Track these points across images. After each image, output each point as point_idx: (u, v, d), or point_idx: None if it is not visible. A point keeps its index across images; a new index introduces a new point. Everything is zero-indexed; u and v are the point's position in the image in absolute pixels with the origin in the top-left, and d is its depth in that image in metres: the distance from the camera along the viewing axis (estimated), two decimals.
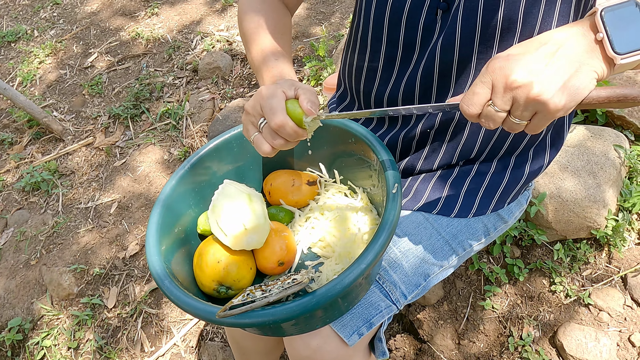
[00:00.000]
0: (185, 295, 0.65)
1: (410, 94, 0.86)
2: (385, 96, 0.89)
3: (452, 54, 0.78)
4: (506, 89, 0.53)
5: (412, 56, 0.83)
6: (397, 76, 0.86)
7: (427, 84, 0.83)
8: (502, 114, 0.55)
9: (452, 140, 0.88)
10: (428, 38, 0.80)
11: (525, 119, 0.55)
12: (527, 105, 0.53)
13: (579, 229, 1.29)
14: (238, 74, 2.36)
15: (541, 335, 1.24)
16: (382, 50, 0.86)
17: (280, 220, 0.89)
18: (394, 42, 0.84)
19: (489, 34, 0.74)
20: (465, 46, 0.76)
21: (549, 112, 0.52)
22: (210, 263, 0.77)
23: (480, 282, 1.37)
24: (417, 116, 0.88)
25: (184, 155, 2.03)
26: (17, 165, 2.18)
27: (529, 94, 0.51)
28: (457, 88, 0.81)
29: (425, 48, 0.81)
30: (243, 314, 0.60)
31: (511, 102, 0.54)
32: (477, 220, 0.93)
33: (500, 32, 0.73)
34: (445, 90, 0.82)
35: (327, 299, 0.62)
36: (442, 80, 0.82)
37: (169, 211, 0.80)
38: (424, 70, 0.82)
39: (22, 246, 1.86)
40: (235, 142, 0.89)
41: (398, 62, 0.85)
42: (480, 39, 0.75)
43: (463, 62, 0.78)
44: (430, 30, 0.79)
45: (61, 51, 2.73)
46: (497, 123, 0.56)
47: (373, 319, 0.82)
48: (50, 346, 1.56)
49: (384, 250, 0.66)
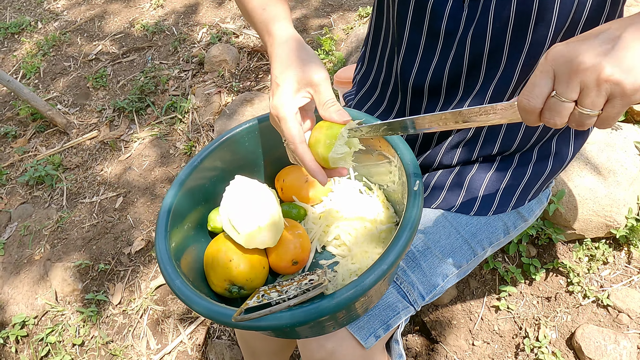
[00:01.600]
0: (198, 296, 0.62)
1: (438, 86, 0.82)
2: (410, 84, 0.85)
3: (483, 44, 0.74)
4: (572, 74, 0.46)
5: (437, 45, 0.79)
6: (421, 65, 0.83)
7: (455, 76, 0.79)
8: (569, 104, 0.48)
9: (475, 136, 0.84)
10: (454, 27, 0.76)
11: (597, 107, 0.47)
12: (600, 89, 0.46)
13: (598, 228, 1.25)
14: (245, 67, 2.32)
15: (558, 337, 1.21)
16: (406, 35, 0.82)
17: (293, 218, 0.85)
18: (419, 28, 0.80)
19: (522, 22, 0.70)
20: (497, 36, 0.73)
21: (625, 95, 0.45)
22: (221, 262, 0.74)
23: (495, 281, 1.34)
24: (440, 107, 0.84)
25: (190, 150, 2.00)
26: (20, 159, 2.15)
27: (600, 75, 0.45)
28: (485, 81, 0.77)
29: (451, 37, 0.77)
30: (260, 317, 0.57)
31: (579, 89, 0.47)
32: (497, 218, 0.89)
33: (535, 19, 0.69)
34: (474, 84, 0.79)
35: (347, 302, 0.59)
36: (471, 71, 0.78)
37: (179, 208, 0.77)
38: (453, 61, 0.78)
39: (26, 241, 1.83)
40: (247, 136, 0.86)
41: (421, 50, 0.82)
42: (514, 28, 0.71)
43: (494, 53, 0.74)
44: (457, 19, 0.75)
45: (65, 43, 2.70)
46: (563, 117, 0.49)
47: (390, 320, 0.79)
48: (55, 342, 1.54)
49: (406, 250, 0.63)
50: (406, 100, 0.89)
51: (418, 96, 0.86)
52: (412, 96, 0.87)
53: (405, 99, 0.89)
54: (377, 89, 0.96)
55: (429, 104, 0.86)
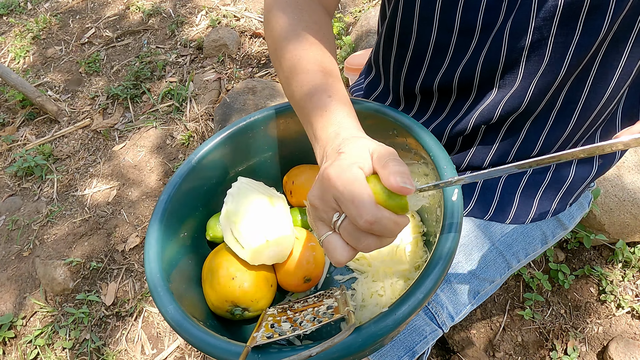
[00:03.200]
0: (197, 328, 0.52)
1: (468, 84, 0.70)
2: (435, 85, 0.73)
3: (524, 38, 0.62)
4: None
5: (470, 43, 0.67)
6: (450, 65, 0.70)
7: (488, 74, 0.67)
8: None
9: (509, 138, 0.73)
10: (492, 21, 0.64)
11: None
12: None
13: (635, 232, 1.15)
14: (246, 52, 2.19)
15: (588, 350, 1.11)
16: (433, 37, 0.69)
17: (303, 226, 0.74)
18: (449, 27, 0.67)
19: (573, 12, 0.58)
20: (540, 28, 0.61)
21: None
22: (222, 280, 0.63)
23: (519, 288, 1.24)
24: (469, 105, 0.73)
25: (187, 140, 1.88)
26: (9, 148, 2.04)
27: None
28: (524, 79, 0.65)
29: (487, 33, 0.65)
30: None
31: None
32: (535, 226, 0.79)
33: (587, 8, 0.57)
34: (512, 81, 0.66)
35: (375, 339, 0.48)
36: (507, 69, 0.66)
37: (173, 215, 0.66)
38: (485, 59, 0.66)
39: (14, 236, 1.73)
40: (250, 132, 0.75)
41: (451, 50, 0.69)
42: (561, 19, 0.59)
43: (535, 47, 0.62)
44: (495, 11, 0.63)
45: (56, 25, 2.56)
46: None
47: (417, 346, 0.69)
48: (44, 345, 1.45)
49: (445, 273, 0.52)
50: (430, 101, 0.77)
51: (445, 95, 0.75)
52: (438, 96, 0.75)
53: (428, 100, 0.78)
54: (389, 94, 0.85)
55: (456, 101, 0.74)
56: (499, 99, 0.68)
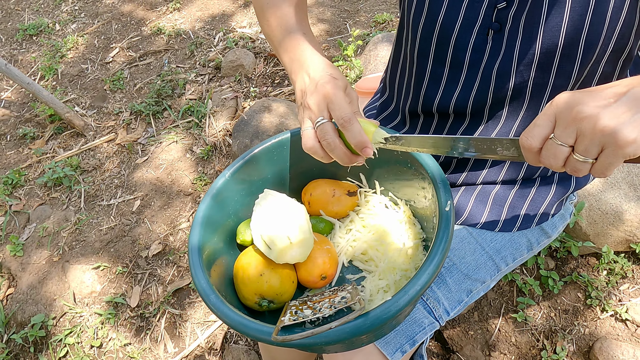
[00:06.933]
0: (234, 313, 0.64)
1: (462, 112, 0.83)
2: (434, 108, 0.86)
3: (507, 79, 0.75)
4: (570, 121, 0.49)
5: (460, 76, 0.80)
6: (444, 95, 0.84)
7: (479, 105, 0.81)
8: (565, 148, 0.51)
9: (499, 163, 0.86)
10: (477, 59, 0.77)
11: (591, 155, 0.50)
12: (593, 138, 0.48)
13: (618, 242, 1.25)
14: (261, 72, 2.34)
15: (576, 350, 1.22)
16: (429, 68, 0.83)
17: (320, 232, 0.87)
18: (441, 61, 0.81)
19: (547, 59, 0.71)
20: (521, 72, 0.74)
21: (618, 147, 0.48)
22: (252, 277, 0.75)
23: (512, 293, 1.34)
24: (463, 130, 0.85)
25: (206, 154, 2.02)
26: (38, 160, 2.18)
27: (596, 125, 0.47)
28: (508, 116, 0.79)
29: (474, 69, 0.78)
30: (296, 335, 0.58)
31: (575, 135, 0.50)
32: (521, 234, 0.90)
33: (559, 56, 0.70)
34: (499, 117, 0.80)
35: (381, 321, 0.60)
36: (496, 104, 0.79)
37: (210, 222, 0.78)
38: (477, 92, 0.79)
39: (44, 242, 1.85)
40: (275, 150, 0.87)
41: (444, 81, 0.83)
42: (538, 65, 0.72)
43: (518, 89, 0.76)
44: (480, 51, 0.76)
45: (82, 45, 2.73)
46: (558, 160, 0.52)
47: (416, 336, 0.80)
48: (73, 344, 1.56)
49: (439, 269, 0.64)
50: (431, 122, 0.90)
51: (443, 118, 0.88)
52: (438, 118, 0.88)
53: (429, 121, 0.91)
54: (398, 114, 0.98)
55: (453, 124, 0.87)
56: (490, 131, 0.81)
